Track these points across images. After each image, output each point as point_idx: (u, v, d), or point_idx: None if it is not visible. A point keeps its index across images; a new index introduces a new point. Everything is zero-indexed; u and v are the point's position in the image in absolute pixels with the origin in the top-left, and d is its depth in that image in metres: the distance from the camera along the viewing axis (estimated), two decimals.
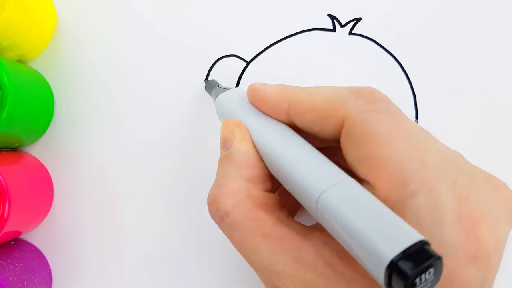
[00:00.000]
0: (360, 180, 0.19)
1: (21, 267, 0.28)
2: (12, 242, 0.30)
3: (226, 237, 0.25)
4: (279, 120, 0.22)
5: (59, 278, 0.31)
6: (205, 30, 0.31)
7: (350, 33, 0.31)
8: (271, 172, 0.21)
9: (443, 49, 0.30)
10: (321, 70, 0.30)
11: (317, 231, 0.20)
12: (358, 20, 0.31)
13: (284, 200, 0.22)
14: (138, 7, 0.32)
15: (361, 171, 0.18)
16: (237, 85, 0.31)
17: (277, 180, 0.21)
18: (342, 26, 0.31)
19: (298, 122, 0.21)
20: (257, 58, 0.31)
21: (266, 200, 0.21)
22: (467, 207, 0.16)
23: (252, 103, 0.23)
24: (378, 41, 0.30)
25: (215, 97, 0.26)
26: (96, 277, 0.31)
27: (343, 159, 0.20)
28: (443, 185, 0.17)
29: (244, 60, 0.31)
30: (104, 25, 0.32)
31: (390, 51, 0.30)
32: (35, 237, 0.31)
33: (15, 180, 0.27)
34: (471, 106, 0.30)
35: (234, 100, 0.24)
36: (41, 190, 0.30)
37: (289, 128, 0.22)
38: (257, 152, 0.22)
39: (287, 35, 0.31)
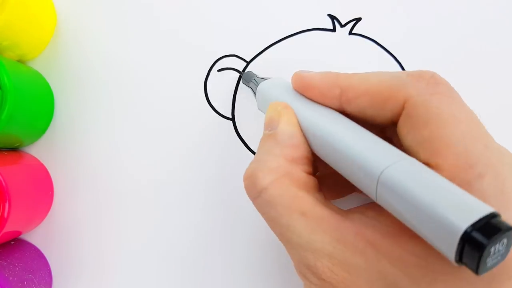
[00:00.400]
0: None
1: (21, 267, 0.28)
2: (12, 242, 0.30)
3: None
4: (328, 106, 0.22)
5: (59, 278, 0.31)
6: (205, 30, 0.31)
7: (350, 33, 0.31)
8: (321, 155, 0.21)
9: (443, 49, 0.30)
10: (321, 70, 0.30)
11: (357, 213, 0.19)
12: (358, 20, 0.31)
13: (323, 187, 0.22)
14: (138, 7, 0.32)
15: (423, 153, 0.18)
16: (237, 85, 0.31)
17: (318, 167, 0.21)
18: (342, 26, 0.31)
19: (351, 108, 0.21)
20: (257, 58, 0.31)
21: (306, 181, 0.20)
22: None
23: (298, 91, 0.23)
24: (378, 41, 0.30)
25: (256, 86, 0.26)
26: (96, 277, 0.31)
27: (396, 144, 0.20)
28: (507, 169, 0.17)
29: (244, 60, 0.31)
30: (104, 25, 0.32)
31: (390, 51, 0.30)
32: (35, 237, 0.31)
33: (15, 180, 0.27)
34: (471, 106, 0.30)
35: (279, 87, 0.24)
36: (41, 190, 0.30)
37: (339, 114, 0.21)
38: (303, 136, 0.21)
39: (287, 35, 0.31)
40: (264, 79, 0.26)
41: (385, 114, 0.20)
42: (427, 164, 0.18)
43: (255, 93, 0.26)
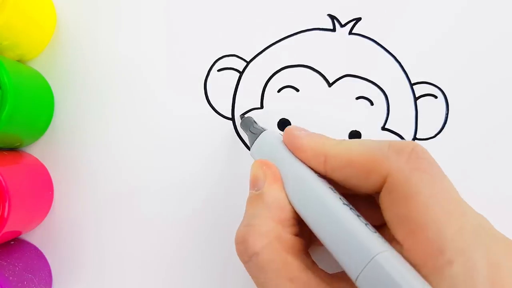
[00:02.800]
0: (391, 239, 0.19)
1: (21, 267, 0.28)
2: (12, 242, 0.30)
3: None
4: (314, 170, 0.22)
5: (59, 278, 0.31)
6: (205, 30, 0.31)
7: (350, 33, 0.31)
8: (304, 219, 0.21)
9: (443, 49, 0.30)
10: (321, 70, 0.30)
11: (342, 281, 0.20)
12: (358, 20, 0.31)
13: (305, 234, 0.22)
14: (137, 8, 0.32)
15: (400, 232, 0.19)
16: (237, 85, 0.31)
17: (302, 223, 0.21)
18: (342, 26, 0.31)
19: (336, 176, 0.22)
20: (257, 58, 0.31)
21: (294, 244, 0.21)
22: (499, 275, 0.17)
23: (287, 147, 0.23)
24: (378, 41, 0.30)
25: (252, 136, 0.26)
26: (96, 277, 0.31)
27: (376, 210, 0.20)
28: (478, 252, 0.17)
29: (244, 60, 0.31)
30: (104, 25, 0.32)
31: (390, 51, 0.30)
32: (35, 237, 0.31)
33: (15, 180, 0.27)
34: (471, 106, 0.30)
35: (271, 141, 0.25)
36: (41, 190, 0.30)
37: (325, 181, 0.22)
38: (287, 196, 0.22)
39: (287, 35, 0.31)
40: (263, 129, 0.26)
41: (368, 185, 0.21)
42: (401, 245, 0.19)
43: (250, 141, 0.26)
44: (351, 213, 0.20)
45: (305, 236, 0.22)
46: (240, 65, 0.31)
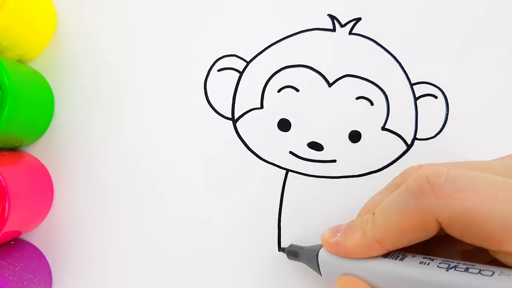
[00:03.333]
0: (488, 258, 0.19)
1: (21, 267, 0.28)
2: (12, 242, 0.30)
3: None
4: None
5: (59, 278, 0.31)
6: (205, 30, 0.31)
7: (350, 33, 0.30)
8: None
9: (443, 49, 0.30)
10: (321, 70, 0.30)
11: None
12: (358, 20, 0.30)
13: None
14: (137, 7, 0.32)
15: (491, 245, 0.18)
16: (237, 85, 0.31)
17: None
18: (342, 26, 0.31)
19: (396, 248, 0.21)
20: (257, 58, 0.31)
21: None
22: None
23: (337, 254, 0.23)
24: (378, 41, 0.30)
25: (311, 259, 0.26)
26: (96, 277, 0.31)
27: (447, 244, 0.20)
28: None
29: (244, 60, 0.31)
30: (104, 25, 0.32)
31: (390, 51, 0.30)
32: (35, 237, 0.31)
33: (15, 180, 0.27)
34: (471, 106, 0.30)
35: (329, 258, 0.24)
36: (41, 190, 0.30)
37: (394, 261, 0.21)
38: None
39: (287, 35, 0.31)
40: (314, 249, 0.25)
41: (429, 234, 0.20)
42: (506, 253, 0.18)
43: (312, 266, 0.26)
44: (457, 271, 0.19)
45: None
46: (240, 65, 0.31)
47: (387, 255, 0.21)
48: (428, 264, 0.20)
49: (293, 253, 0.28)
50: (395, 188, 0.22)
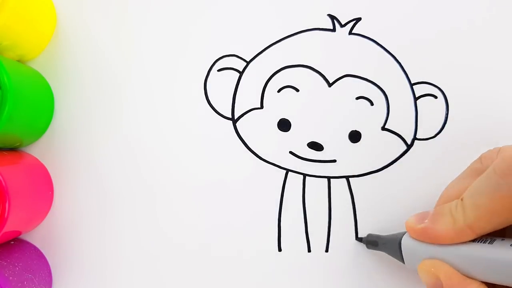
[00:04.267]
0: None
1: (21, 267, 0.28)
2: (12, 242, 0.30)
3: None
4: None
5: (59, 278, 0.31)
6: (205, 30, 0.31)
7: (350, 33, 0.30)
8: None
9: (443, 49, 0.30)
10: (321, 70, 0.30)
11: None
12: (358, 20, 0.31)
13: None
14: (137, 7, 0.32)
15: None
16: (237, 85, 0.31)
17: None
18: (342, 26, 0.31)
19: (485, 232, 0.21)
20: (257, 58, 0.31)
21: None
22: None
23: (424, 241, 0.23)
24: (378, 41, 0.30)
25: (393, 247, 0.26)
26: (96, 277, 0.31)
27: None
28: None
29: (244, 60, 0.31)
30: (104, 25, 0.32)
31: (390, 51, 0.30)
32: (35, 237, 0.31)
33: (15, 180, 0.27)
34: (471, 106, 0.30)
35: (411, 244, 0.24)
36: (41, 190, 0.30)
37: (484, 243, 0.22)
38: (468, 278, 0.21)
39: (287, 35, 0.31)
40: (394, 236, 0.26)
41: None
42: None
43: (392, 254, 0.26)
44: None
45: None
46: (240, 65, 0.31)
47: (475, 239, 0.21)
48: None
49: (372, 242, 0.28)
50: (475, 173, 0.22)
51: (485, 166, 0.22)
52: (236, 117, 0.31)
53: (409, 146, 0.30)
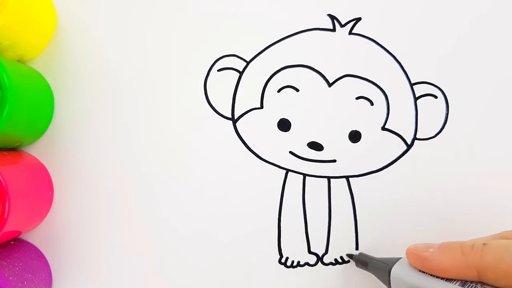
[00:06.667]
0: None
1: (21, 267, 0.28)
2: (12, 242, 0.30)
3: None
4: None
5: (59, 278, 0.31)
6: (205, 30, 0.31)
7: (350, 33, 0.31)
8: None
9: (443, 49, 0.30)
10: (321, 70, 0.30)
11: None
12: (358, 20, 0.31)
13: None
14: (138, 7, 0.32)
15: None
16: (237, 85, 0.31)
17: None
18: (342, 26, 0.31)
19: (490, 282, 0.21)
20: (257, 58, 0.31)
21: None
22: None
23: (417, 268, 0.23)
24: (378, 41, 0.30)
25: (380, 270, 0.26)
26: (96, 277, 0.31)
27: None
28: None
29: (244, 60, 0.31)
30: (104, 25, 0.32)
31: (390, 51, 0.30)
32: (35, 237, 0.31)
33: (15, 180, 0.27)
34: (471, 106, 0.30)
35: (407, 271, 0.24)
36: (41, 190, 0.30)
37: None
38: None
39: (287, 35, 0.31)
40: (384, 261, 0.26)
41: None
42: None
43: (379, 277, 0.26)
44: None
45: None
46: (240, 65, 0.31)
47: (465, 282, 0.21)
48: None
49: (362, 262, 0.28)
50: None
51: None
52: (236, 117, 0.31)
53: (409, 146, 0.30)
